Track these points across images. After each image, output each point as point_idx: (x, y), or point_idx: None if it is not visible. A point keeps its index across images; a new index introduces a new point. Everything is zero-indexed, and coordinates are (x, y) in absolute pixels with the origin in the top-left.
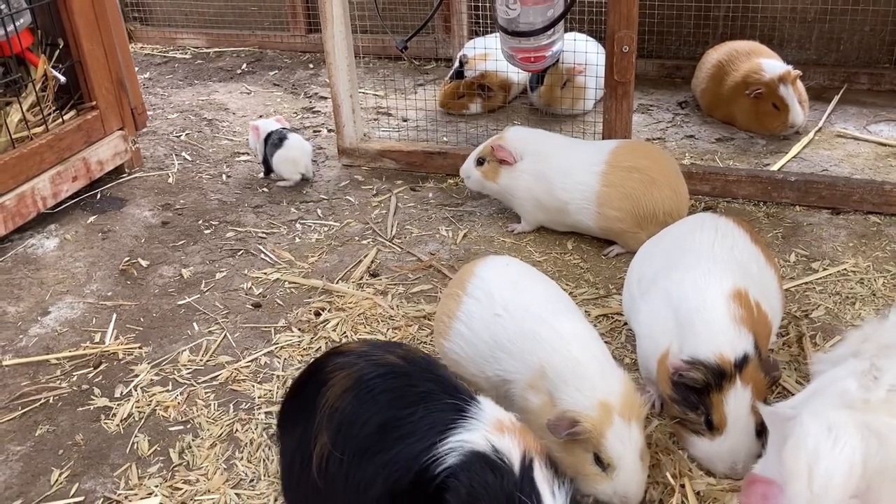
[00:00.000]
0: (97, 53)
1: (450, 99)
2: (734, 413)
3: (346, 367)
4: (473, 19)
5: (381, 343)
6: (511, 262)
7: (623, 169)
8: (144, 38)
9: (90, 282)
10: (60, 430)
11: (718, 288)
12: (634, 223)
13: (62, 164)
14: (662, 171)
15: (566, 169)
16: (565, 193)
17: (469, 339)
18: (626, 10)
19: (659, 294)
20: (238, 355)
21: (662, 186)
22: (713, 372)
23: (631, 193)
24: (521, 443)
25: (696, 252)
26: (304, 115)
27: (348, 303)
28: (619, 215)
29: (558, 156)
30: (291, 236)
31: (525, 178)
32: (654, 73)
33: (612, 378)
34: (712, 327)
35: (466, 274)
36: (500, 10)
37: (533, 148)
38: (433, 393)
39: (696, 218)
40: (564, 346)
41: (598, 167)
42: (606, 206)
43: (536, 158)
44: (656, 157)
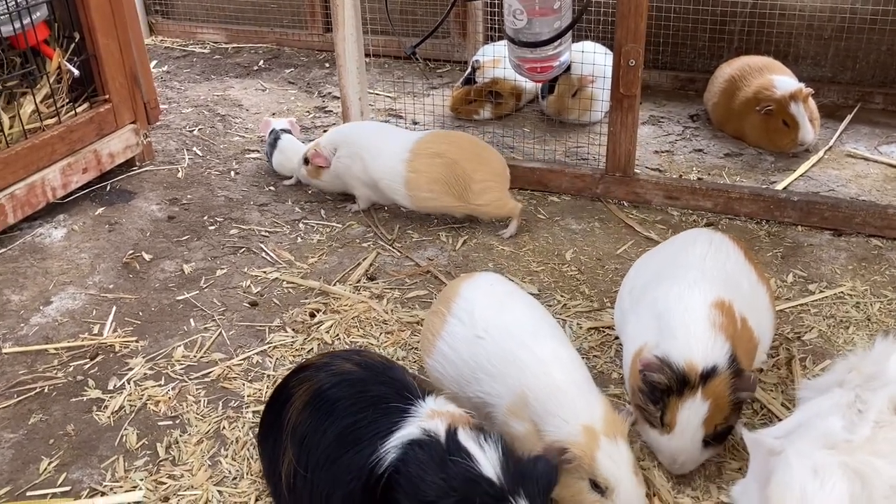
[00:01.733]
0: (112, 48)
1: (460, 104)
2: (685, 420)
3: (307, 381)
4: (489, 24)
5: (341, 352)
6: (497, 282)
7: (426, 156)
8: (165, 31)
9: (93, 273)
10: (53, 419)
11: (702, 297)
12: (454, 198)
13: (73, 155)
14: (461, 150)
15: (377, 152)
16: (377, 174)
17: (451, 360)
18: (634, 24)
19: (646, 303)
20: (231, 353)
21: (465, 161)
22: (677, 377)
23: (437, 177)
24: (448, 419)
25: (687, 264)
26: (316, 114)
27: (344, 305)
28: (431, 195)
29: (370, 140)
30: (294, 236)
31: (343, 161)
32: (668, 85)
33: (591, 401)
34: (689, 333)
35: (452, 292)
36: (508, 20)
37: (343, 138)
38: (384, 397)
39: (692, 232)
40: (544, 371)
41: (405, 155)
42: (417, 189)
43: (348, 144)
44: (457, 142)
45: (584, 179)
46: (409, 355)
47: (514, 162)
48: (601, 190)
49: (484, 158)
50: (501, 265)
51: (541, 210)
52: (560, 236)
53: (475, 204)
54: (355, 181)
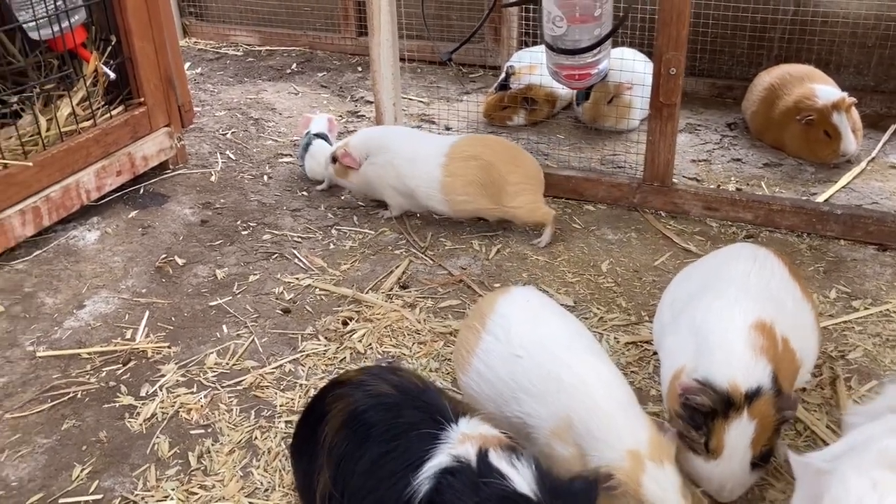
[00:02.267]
0: (148, 51)
1: (493, 110)
2: (733, 443)
3: (343, 399)
4: (523, 29)
5: (378, 370)
6: (532, 297)
7: (461, 159)
8: (199, 33)
9: (126, 277)
10: (86, 425)
11: (742, 317)
12: (489, 200)
13: (107, 158)
14: (497, 153)
15: (411, 158)
16: (411, 180)
17: (487, 378)
18: (676, 32)
19: (685, 319)
20: (264, 361)
21: (500, 164)
22: (722, 399)
23: (473, 179)
24: (479, 442)
25: (729, 280)
26: (349, 118)
27: (376, 314)
28: (468, 198)
29: (402, 146)
30: (326, 242)
31: (376, 169)
32: (705, 93)
33: (636, 424)
34: (729, 353)
35: (486, 308)
36: (547, 26)
37: (376, 144)
38: (418, 423)
39: (736, 247)
40: (587, 393)
41: (440, 160)
42: (453, 193)
43: (382, 151)
44: (492, 145)
45: (620, 189)
46: (442, 367)
47: (548, 170)
48: (638, 200)
49: (519, 161)
50: (536, 275)
51: (576, 219)
52: (596, 247)
53: (509, 206)
54: (388, 189)
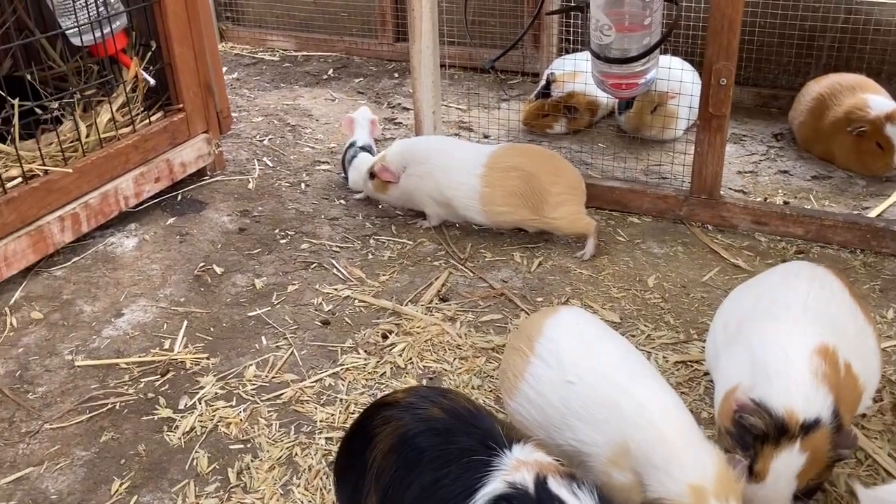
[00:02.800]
0: (187, 57)
1: (533, 118)
2: (778, 471)
3: (391, 422)
4: (564, 35)
5: (427, 391)
6: (581, 319)
7: (501, 170)
8: (235, 38)
9: (164, 286)
10: (124, 438)
11: (803, 341)
12: (530, 211)
13: (146, 164)
14: (537, 163)
15: (449, 168)
16: (449, 191)
17: (538, 405)
18: (727, 41)
19: (741, 342)
20: (303, 374)
21: (541, 173)
22: (775, 424)
23: (513, 190)
24: (535, 469)
25: (787, 302)
26: (385, 125)
27: (416, 327)
28: (508, 209)
29: (440, 156)
30: (365, 252)
31: (414, 180)
32: (750, 102)
33: (702, 456)
34: (790, 379)
35: (534, 330)
36: (594, 35)
37: (413, 155)
38: (469, 450)
39: (792, 266)
40: (647, 420)
41: (478, 170)
42: (492, 203)
43: (419, 161)
44: (532, 155)
45: (666, 201)
46: (485, 384)
47: (591, 180)
48: (685, 212)
49: (561, 171)
50: (580, 290)
51: (620, 232)
52: (641, 260)
53: (550, 217)
54: (427, 199)
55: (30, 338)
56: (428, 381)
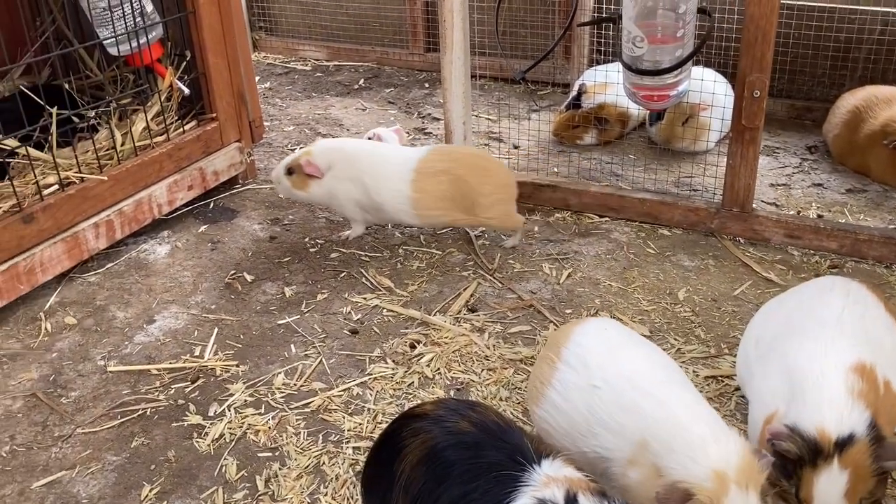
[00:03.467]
0: (221, 67)
1: (564, 129)
2: (823, 494)
3: (420, 434)
4: (594, 46)
5: (456, 404)
6: (610, 326)
7: (430, 174)
8: (268, 47)
9: (196, 293)
10: (154, 444)
11: (839, 358)
12: (463, 212)
13: (179, 172)
14: (466, 166)
15: (379, 175)
16: (380, 196)
17: (564, 411)
18: (761, 53)
19: (775, 359)
20: (331, 383)
21: (470, 176)
22: (809, 446)
23: (443, 195)
24: (565, 485)
25: (821, 318)
26: (416, 135)
27: (444, 337)
28: (440, 212)
29: (369, 161)
30: (393, 261)
31: (340, 183)
32: (783, 114)
33: (725, 443)
34: (822, 398)
35: (562, 338)
36: (626, 46)
37: (341, 157)
38: (498, 464)
39: (825, 280)
40: (668, 414)
41: (409, 175)
42: (424, 208)
43: (349, 166)
44: (460, 157)
45: (697, 213)
46: (513, 396)
47: (621, 192)
48: (716, 225)
49: (489, 171)
50: (609, 302)
51: (650, 244)
52: (672, 273)
53: (483, 217)
54: (351, 204)
55: (64, 343)
56: (455, 393)
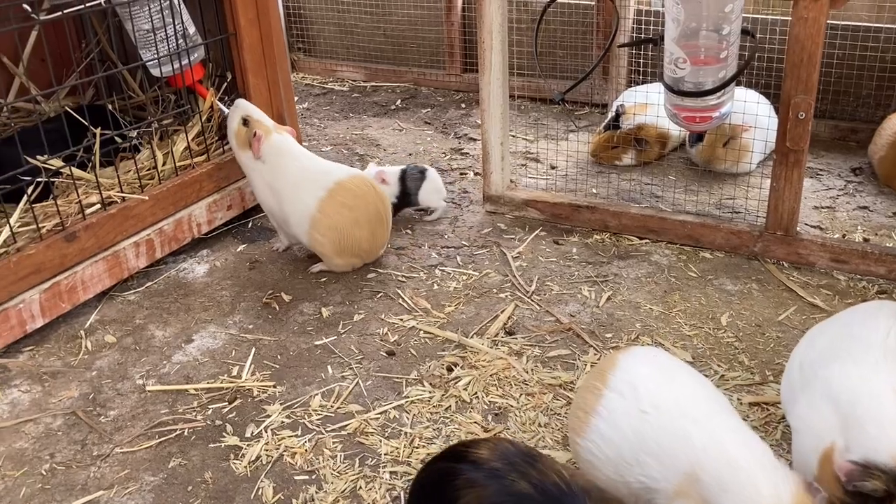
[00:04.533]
0: (261, 88)
1: (602, 149)
2: None
3: (476, 489)
4: (633, 66)
5: (515, 454)
6: (658, 353)
7: (338, 203)
8: (306, 68)
9: (234, 312)
10: (191, 465)
11: (887, 380)
12: (334, 251)
13: (219, 192)
14: (367, 215)
15: (297, 186)
16: (290, 206)
17: (610, 439)
18: (806, 74)
19: (818, 386)
20: (368, 405)
21: (363, 227)
22: (893, 478)
23: (336, 225)
24: None
25: (867, 342)
26: (452, 155)
27: (482, 360)
28: (322, 240)
29: (294, 173)
30: (430, 282)
31: (260, 181)
32: (826, 135)
33: (777, 479)
34: (883, 422)
35: (608, 366)
36: (668, 67)
37: (274, 158)
38: None
39: (870, 305)
40: (719, 447)
41: (321, 193)
42: (315, 230)
43: (273, 169)
44: (368, 201)
45: (740, 236)
46: (552, 422)
47: (662, 213)
48: (759, 248)
49: (379, 232)
50: (650, 326)
51: (692, 267)
52: (714, 297)
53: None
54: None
55: (103, 361)
56: (493, 418)
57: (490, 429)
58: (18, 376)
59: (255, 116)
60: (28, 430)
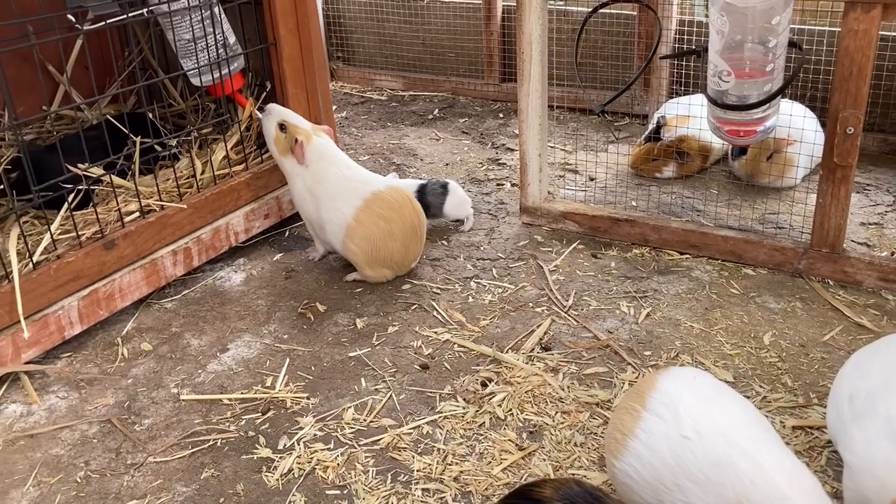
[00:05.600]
0: (300, 97)
1: (642, 161)
2: None
3: None
4: (674, 77)
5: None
6: (699, 375)
7: (374, 213)
8: (345, 77)
9: (269, 322)
10: (224, 476)
11: None
12: (366, 262)
13: (256, 201)
14: (402, 228)
15: (335, 194)
16: (327, 214)
17: (648, 462)
18: (856, 88)
19: (879, 423)
20: (401, 420)
21: (397, 240)
22: None
23: (370, 236)
24: None
25: None
26: (489, 166)
27: (517, 376)
28: (355, 250)
29: (333, 180)
30: (465, 295)
31: (301, 185)
32: (875, 149)
33: None
34: None
35: (646, 386)
36: (711, 80)
37: (315, 164)
38: None
39: None
40: (767, 480)
41: (358, 202)
42: (349, 239)
43: (314, 174)
44: (404, 214)
45: (784, 253)
46: (588, 441)
47: (703, 228)
48: (804, 266)
49: (412, 246)
50: (690, 344)
51: (734, 284)
52: (756, 316)
53: (367, 273)
54: (301, 214)
55: (139, 369)
56: (528, 436)
57: (525, 447)
58: (56, 382)
59: (291, 121)
60: (64, 436)
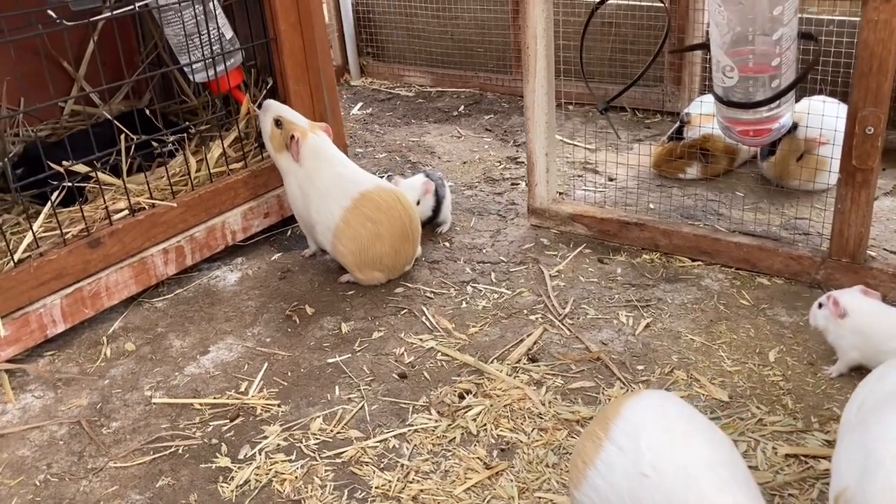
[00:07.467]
0: (302, 93)
1: (664, 161)
2: None
3: None
4: (707, 73)
5: None
6: (669, 402)
7: (362, 214)
8: (375, 72)
9: (255, 324)
10: (179, 485)
11: None
12: (354, 264)
13: (255, 200)
14: (390, 230)
15: (326, 194)
16: (317, 214)
17: (605, 497)
18: (876, 84)
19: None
20: (369, 432)
21: (385, 242)
22: None
23: (358, 237)
24: None
25: None
26: (506, 164)
27: (497, 389)
28: (344, 251)
29: (325, 179)
30: (459, 300)
31: (294, 183)
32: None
33: None
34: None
35: (612, 412)
36: (716, 77)
37: (310, 162)
38: None
39: None
40: None
41: (346, 203)
42: (338, 240)
43: (307, 172)
44: (393, 216)
45: (800, 262)
46: (562, 462)
47: (716, 234)
48: (822, 276)
49: (404, 249)
50: (688, 360)
51: (744, 294)
52: (765, 329)
53: (359, 276)
54: (295, 211)
55: (117, 370)
56: (499, 453)
57: (493, 466)
58: (35, 381)
59: (287, 117)
60: (33, 437)
